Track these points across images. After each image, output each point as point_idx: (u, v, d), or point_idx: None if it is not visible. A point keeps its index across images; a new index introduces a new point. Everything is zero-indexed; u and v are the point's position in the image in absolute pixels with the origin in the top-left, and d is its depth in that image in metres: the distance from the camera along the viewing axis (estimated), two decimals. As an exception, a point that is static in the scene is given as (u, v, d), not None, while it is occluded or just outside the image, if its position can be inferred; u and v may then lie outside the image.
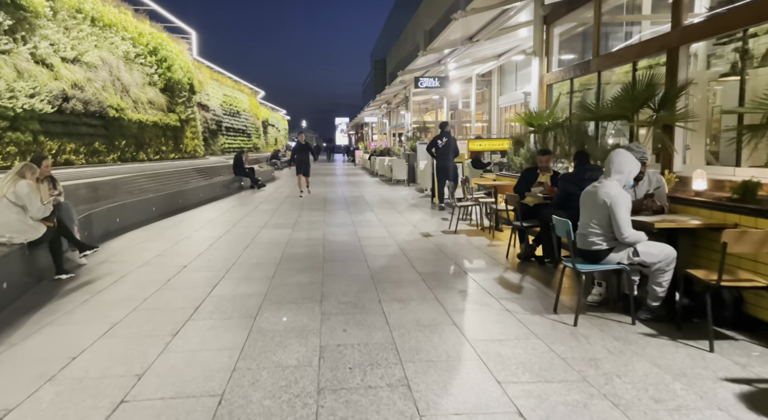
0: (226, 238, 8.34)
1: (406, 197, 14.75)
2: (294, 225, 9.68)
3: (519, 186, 6.97)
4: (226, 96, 32.85)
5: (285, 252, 7.17)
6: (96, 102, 13.04)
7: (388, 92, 25.38)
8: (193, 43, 21.94)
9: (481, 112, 25.49)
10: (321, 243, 7.83)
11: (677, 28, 5.91)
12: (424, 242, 7.80)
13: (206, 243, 7.84)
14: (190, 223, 9.91)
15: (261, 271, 6.07)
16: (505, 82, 23.50)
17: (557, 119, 8.31)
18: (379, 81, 53.21)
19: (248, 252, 7.20)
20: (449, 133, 11.83)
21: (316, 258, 6.77)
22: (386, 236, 8.37)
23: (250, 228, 9.34)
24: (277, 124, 60.58)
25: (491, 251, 7.09)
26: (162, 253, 7.10)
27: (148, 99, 16.58)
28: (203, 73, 27.80)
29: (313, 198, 14.80)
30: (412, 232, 8.72)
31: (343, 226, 9.53)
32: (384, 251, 7.17)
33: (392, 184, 19.70)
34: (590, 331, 4.01)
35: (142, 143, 15.86)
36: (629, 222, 4.05)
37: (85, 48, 13.13)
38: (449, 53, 16.34)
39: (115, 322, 4.30)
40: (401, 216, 10.77)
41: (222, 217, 10.81)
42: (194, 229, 9.14)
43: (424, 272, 5.93)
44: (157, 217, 10.36)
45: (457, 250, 7.21)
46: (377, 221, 10.05)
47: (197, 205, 12.83)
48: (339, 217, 10.67)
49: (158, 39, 17.55)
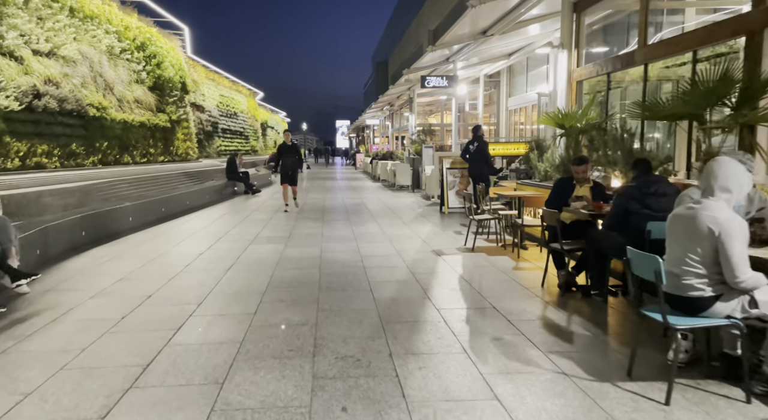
0: (208, 255, 7.17)
1: (412, 205, 13.58)
2: (288, 239, 8.51)
3: (552, 200, 5.81)
4: (222, 96, 31.73)
5: (274, 276, 6.00)
6: (73, 100, 11.89)
7: (392, 93, 24.25)
8: (186, 39, 20.81)
9: (488, 114, 24.37)
10: (317, 263, 6.66)
11: (760, 7, 4.76)
12: (438, 263, 6.63)
13: (182, 263, 6.67)
14: (169, 236, 8.74)
15: (241, 304, 4.90)
16: (514, 83, 22.38)
17: (591, 120, 7.16)
18: (380, 83, 52.17)
19: (230, 276, 6.02)
20: (481, 137, 10.84)
21: (310, 285, 5.60)
22: (393, 254, 7.20)
23: (238, 242, 8.17)
24: (277, 126, 59.46)
25: (521, 277, 5.92)
26: (126, 277, 5.93)
27: (134, 98, 15.43)
28: (198, 73, 26.69)
29: (310, 206, 13.62)
30: (422, 249, 7.55)
31: (343, 240, 8.37)
32: (391, 275, 6.01)
33: (395, 190, 18.54)
34: (692, 416, 2.84)
35: (127, 145, 14.70)
36: (746, 260, 2.88)
37: (62, 40, 11.99)
38: (458, 50, 15.21)
39: (28, 391, 3.13)
40: (408, 228, 9.61)
41: (208, 229, 9.64)
42: (172, 244, 7.97)
43: (445, 308, 4.76)
44: (133, 229, 9.20)
45: (480, 275, 6.03)
46: (381, 234, 8.89)
47: (183, 214, 11.66)
48: (338, 229, 9.51)
49: (147, 34, 16.42)
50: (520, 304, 4.86)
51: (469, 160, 10.94)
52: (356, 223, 10.36)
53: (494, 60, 19.67)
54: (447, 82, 15.82)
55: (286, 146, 12.41)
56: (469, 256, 7.02)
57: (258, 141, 41.48)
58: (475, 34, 12.11)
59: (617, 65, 7.19)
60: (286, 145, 12.42)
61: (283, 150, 12.39)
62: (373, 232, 9.24)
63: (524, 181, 8.65)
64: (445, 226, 9.92)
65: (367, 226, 9.86)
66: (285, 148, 12.41)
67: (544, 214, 5.44)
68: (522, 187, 8.44)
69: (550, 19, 11.33)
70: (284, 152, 12.35)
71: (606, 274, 4.99)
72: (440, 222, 10.47)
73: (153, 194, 11.51)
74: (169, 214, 11.03)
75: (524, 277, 5.92)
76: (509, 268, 6.38)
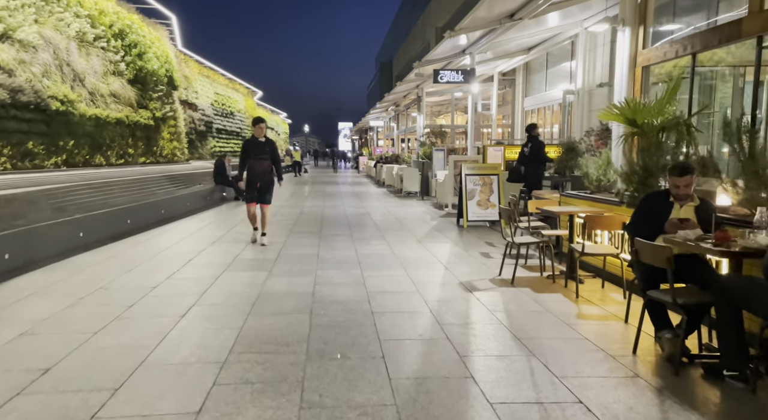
0: (163, 290, 5.42)
1: (423, 216, 11.84)
2: (274, 262, 6.77)
3: (640, 224, 4.07)
4: (218, 95, 30.04)
5: (245, 329, 4.24)
6: (31, 91, 10.18)
7: (399, 91, 22.53)
8: (175, 30, 19.12)
9: (501, 115, 22.65)
10: (308, 304, 4.90)
11: None
12: (473, 307, 4.87)
13: (123, 303, 4.91)
14: (124, 259, 6.99)
15: (181, 391, 3.15)
16: (531, 81, 20.63)
17: (668, 114, 5.40)
18: (384, 84, 50.50)
19: (182, 328, 4.26)
20: (536, 137, 9.36)
21: (294, 346, 3.85)
22: (409, 290, 5.45)
23: (210, 268, 6.42)
24: (277, 127, 57.81)
25: (596, 334, 4.16)
26: (28, 331, 4.16)
27: (110, 91, 13.72)
28: (191, 68, 25.01)
29: (306, 216, 11.88)
30: (447, 281, 5.80)
31: (344, 266, 6.61)
32: (411, 328, 4.25)
33: (402, 197, 16.80)
34: None
35: (100, 144, 12.98)
36: None
37: (19, 22, 10.29)
38: (476, 40, 13.47)
39: None
40: (423, 247, 7.86)
41: (178, 246, 7.90)
42: (123, 271, 6.22)
43: (501, 401, 3.00)
44: (84, 247, 7.45)
45: (537, 329, 4.27)
46: (392, 257, 7.14)
47: (155, 225, 9.92)
48: (338, 249, 7.76)
49: (126, 20, 14.72)
50: (616, 394, 3.10)
51: (524, 165, 9.50)
52: (360, 239, 8.61)
53: (511, 55, 17.95)
54: (462, 76, 14.09)
55: (255, 144, 7.87)
56: (510, 294, 5.26)
57: (256, 142, 39.91)
58: (501, 17, 10.38)
59: (711, 41, 5.47)
60: (254, 143, 7.89)
61: (249, 150, 7.89)
62: (382, 253, 7.48)
63: (569, 193, 6.89)
64: (467, 244, 8.17)
65: (374, 245, 8.11)
66: (253, 147, 7.88)
67: (643, 247, 3.68)
68: (569, 200, 6.69)
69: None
70: (251, 153, 7.85)
71: (745, 341, 3.25)
72: (460, 239, 8.71)
73: (121, 202, 9.77)
74: (136, 226, 9.28)
75: (601, 333, 4.16)
76: (571, 315, 4.62)
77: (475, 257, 7.16)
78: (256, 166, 7.88)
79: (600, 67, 13.19)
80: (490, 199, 10.25)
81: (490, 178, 10.29)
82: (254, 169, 7.90)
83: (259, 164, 7.87)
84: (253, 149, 7.88)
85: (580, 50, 13.82)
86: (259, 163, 7.88)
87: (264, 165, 7.91)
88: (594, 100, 13.61)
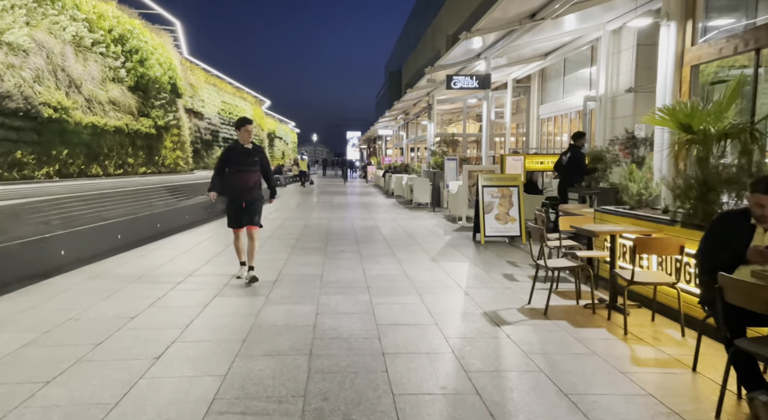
0: (142, 321, 4.70)
1: (435, 229, 11.08)
2: (273, 285, 6.04)
3: (715, 251, 3.30)
4: (225, 103, 29.56)
5: (228, 378, 3.49)
6: (20, 97, 9.59)
7: (409, 98, 21.87)
8: (180, 37, 18.61)
9: (515, 123, 21.90)
10: (308, 341, 4.16)
11: None
12: (503, 347, 4.10)
13: (93, 338, 4.19)
14: (107, 280, 6.29)
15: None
16: (547, 88, 19.90)
17: (729, 119, 4.63)
18: (393, 93, 49.99)
19: (147, 383, 3.52)
20: (578, 147, 8.70)
21: (287, 402, 3.10)
22: (426, 322, 4.69)
23: (199, 291, 5.70)
24: (285, 136, 57.46)
25: (658, 386, 3.37)
26: (-24, 376, 3.46)
27: (109, 98, 13.15)
28: (197, 76, 24.54)
29: (312, 230, 11.16)
30: (469, 311, 5.03)
31: (351, 290, 5.87)
32: (432, 378, 3.49)
33: (412, 209, 16.06)
34: None
35: (98, 154, 12.38)
36: None
37: (8, 23, 9.73)
38: (492, 44, 12.77)
39: None
40: (438, 267, 7.10)
41: (170, 265, 7.19)
42: (103, 295, 5.50)
43: None
44: (65, 267, 6.76)
45: (584, 379, 3.49)
46: (404, 279, 6.38)
47: (150, 240, 9.24)
48: (345, 268, 7.02)
49: (127, 25, 14.19)
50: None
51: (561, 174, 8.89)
52: (368, 257, 7.86)
53: (527, 61, 17.26)
54: (477, 82, 13.37)
55: (239, 151, 6.09)
56: (546, 330, 4.48)
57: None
58: (520, 17, 9.67)
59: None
60: (238, 150, 6.11)
61: (230, 159, 6.13)
62: (393, 273, 6.73)
63: (605, 209, 6.10)
64: (486, 263, 7.40)
65: (383, 264, 7.36)
66: (236, 155, 6.09)
67: (730, 284, 2.90)
68: (606, 217, 5.91)
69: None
70: (233, 163, 6.09)
71: None
72: (478, 257, 7.94)
73: (114, 215, 9.12)
74: (128, 241, 8.60)
75: (667, 387, 3.37)
76: (624, 359, 3.83)
77: (498, 280, 6.39)
78: (241, 180, 6.03)
79: (625, 72, 12.42)
80: (510, 213, 9.48)
81: (509, 189, 9.53)
82: (237, 183, 6.04)
83: (244, 177, 6.02)
84: (237, 158, 6.04)
85: (603, 54, 13.08)
86: (245, 176, 6.02)
87: (250, 178, 6.06)
88: (618, 107, 12.83)
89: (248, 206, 6.10)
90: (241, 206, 6.08)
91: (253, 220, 6.17)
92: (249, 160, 6.05)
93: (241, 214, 6.11)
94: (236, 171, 6.06)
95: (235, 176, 6.06)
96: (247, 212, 6.11)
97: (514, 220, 9.44)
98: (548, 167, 10.43)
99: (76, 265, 6.85)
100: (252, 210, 6.13)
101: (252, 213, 6.14)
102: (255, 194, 6.17)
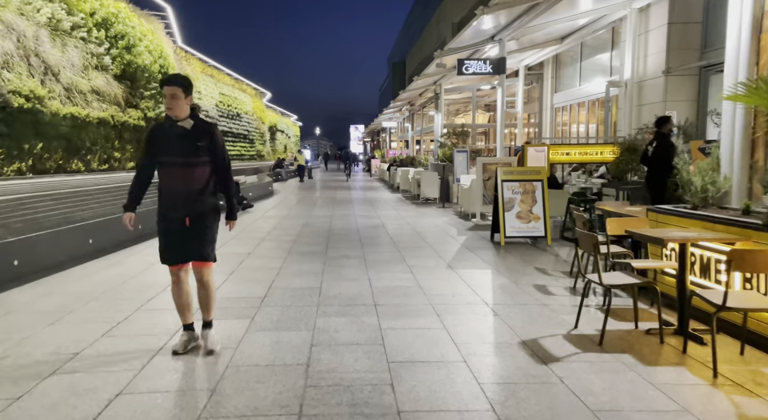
0: (86, 359, 3.68)
1: (447, 228, 10.04)
2: (262, 301, 5.02)
3: None
4: (223, 95, 28.47)
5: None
6: (-16, 84, 8.58)
7: (415, 87, 20.77)
8: (173, 24, 17.54)
9: (527, 113, 20.79)
10: (297, 393, 3.13)
11: None
12: (559, 400, 3.06)
13: (15, 389, 3.18)
14: (61, 298, 5.28)
15: None
16: (561, 75, 18.77)
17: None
18: (397, 84, 48.78)
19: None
20: (665, 135, 7.35)
21: None
22: (452, 358, 3.66)
23: (169, 314, 4.66)
24: (287, 130, 56.37)
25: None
26: None
27: (92, 87, 12.11)
28: (193, 66, 23.45)
29: (311, 229, 10.14)
30: (504, 341, 4.00)
31: (355, 310, 4.84)
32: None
33: (420, 204, 15.02)
34: None
35: (79, 148, 11.35)
36: None
37: (-31, 2, 8.69)
38: (509, 23, 11.65)
39: None
40: (457, 276, 6.06)
41: (141, 277, 6.18)
42: (51, 319, 4.49)
43: None
44: (18, 279, 5.74)
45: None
46: (419, 294, 5.35)
47: (127, 244, 8.25)
48: (347, 278, 5.99)
49: (111, 8, 13.13)
50: None
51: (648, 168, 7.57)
52: (375, 263, 6.83)
53: (542, 45, 16.12)
54: (491, 67, 12.26)
55: (171, 131, 3.71)
56: (608, 369, 3.45)
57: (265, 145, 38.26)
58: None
59: None
60: (169, 131, 3.72)
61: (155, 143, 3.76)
62: (404, 284, 5.70)
63: (663, 209, 5.03)
64: (512, 271, 6.35)
65: (393, 271, 6.33)
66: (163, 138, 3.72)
67: None
68: (666, 219, 4.85)
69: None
70: (161, 150, 3.71)
71: None
72: (501, 262, 6.89)
73: (87, 216, 8.12)
74: (100, 246, 7.60)
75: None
76: (729, 418, 2.79)
77: (530, 293, 5.35)
78: (176, 181, 3.68)
79: (655, 54, 11.29)
80: (533, 211, 8.43)
81: (532, 184, 8.47)
82: (171, 186, 3.71)
83: (181, 176, 3.67)
84: (167, 144, 3.67)
85: (628, 35, 11.95)
86: (182, 174, 3.67)
87: (193, 177, 3.68)
88: (645, 93, 11.72)
89: (194, 225, 3.68)
90: (181, 225, 3.66)
91: (202, 250, 3.73)
92: (188, 147, 3.63)
93: (181, 240, 3.69)
94: (168, 166, 3.67)
95: (166, 175, 3.69)
96: (193, 235, 3.69)
97: (538, 219, 8.38)
98: (575, 159, 9.36)
99: (31, 278, 5.84)
100: (200, 232, 3.71)
101: (200, 237, 3.71)
102: (204, 204, 3.71)
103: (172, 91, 3.62)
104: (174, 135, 3.68)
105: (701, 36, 10.79)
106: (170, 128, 3.70)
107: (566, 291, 5.45)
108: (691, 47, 10.79)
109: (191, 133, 3.69)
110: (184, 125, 3.70)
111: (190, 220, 3.69)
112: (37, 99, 9.87)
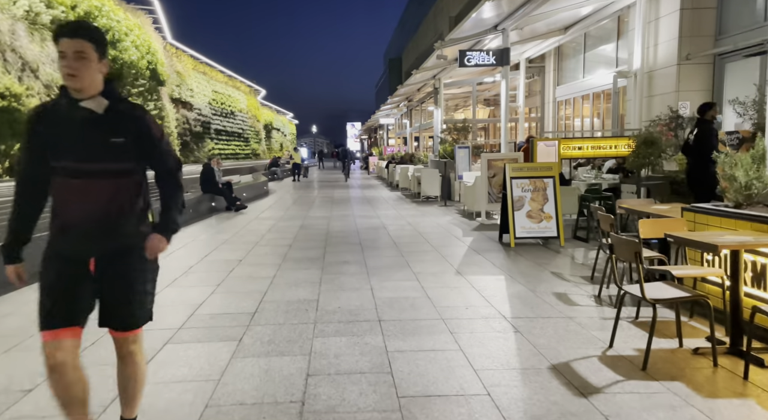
0: (29, 405, 3.12)
1: (451, 229, 9.49)
2: (251, 318, 4.46)
3: None
4: (216, 93, 27.91)
5: None
6: (-47, 81, 7.98)
7: (413, 82, 20.19)
8: (161, 19, 16.92)
9: (528, 108, 20.24)
10: (290, 439, 2.58)
11: None
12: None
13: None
14: (19, 320, 4.69)
15: None
16: (564, 68, 18.19)
17: None
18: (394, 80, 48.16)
19: None
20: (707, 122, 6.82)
21: None
22: (473, 391, 3.10)
23: (145, 334, 4.11)
24: (283, 128, 55.75)
25: None
26: None
27: (74, 85, 11.50)
28: (184, 63, 22.87)
29: (308, 231, 9.58)
30: (531, 365, 3.45)
31: (357, 327, 4.28)
32: None
33: (420, 203, 14.47)
34: None
35: (60, 148, 10.76)
36: None
37: (-65, -7, 8.08)
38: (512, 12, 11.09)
39: None
40: (468, 284, 5.51)
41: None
42: (1, 349, 3.93)
43: None
44: (-18, 294, 5.18)
45: None
46: (427, 306, 4.79)
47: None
48: (348, 290, 5.43)
49: (94, 1, 12.51)
50: None
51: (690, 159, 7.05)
52: (377, 270, 6.27)
53: (544, 37, 15.57)
54: (494, 58, 11.70)
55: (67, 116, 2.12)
56: (660, 402, 2.90)
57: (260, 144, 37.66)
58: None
59: None
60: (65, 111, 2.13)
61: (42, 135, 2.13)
62: (410, 295, 5.14)
63: (703, 208, 4.48)
64: (527, 277, 5.80)
65: (397, 279, 5.77)
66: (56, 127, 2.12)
67: None
68: (708, 219, 4.30)
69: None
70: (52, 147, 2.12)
71: None
72: (513, 266, 6.34)
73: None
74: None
75: None
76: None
77: (551, 303, 4.80)
78: (73, 198, 2.15)
79: (666, 42, 10.74)
80: (545, 209, 7.88)
81: (543, 181, 7.92)
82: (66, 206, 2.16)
83: (79, 192, 2.15)
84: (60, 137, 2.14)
85: (638, 23, 11.39)
86: (81, 189, 2.15)
87: (101, 193, 2.17)
88: (656, 83, 11.17)
89: (108, 270, 2.26)
90: (83, 270, 2.23)
91: (125, 309, 2.33)
92: (97, 144, 2.17)
93: (79, 295, 2.22)
94: (64, 175, 2.16)
95: (60, 189, 2.18)
96: (109, 287, 2.28)
97: (550, 218, 7.84)
98: (588, 153, 8.81)
99: (-4, 294, 5.27)
100: (121, 280, 2.29)
101: (122, 289, 2.29)
102: (126, 235, 2.27)
103: (77, 47, 2.08)
104: (75, 122, 2.14)
105: (716, 22, 10.24)
106: (69, 110, 2.14)
107: (590, 300, 4.90)
108: (705, 34, 10.24)
109: (103, 121, 2.16)
110: (92, 107, 2.15)
111: (100, 264, 2.22)
112: (13, 96, 9.27)
